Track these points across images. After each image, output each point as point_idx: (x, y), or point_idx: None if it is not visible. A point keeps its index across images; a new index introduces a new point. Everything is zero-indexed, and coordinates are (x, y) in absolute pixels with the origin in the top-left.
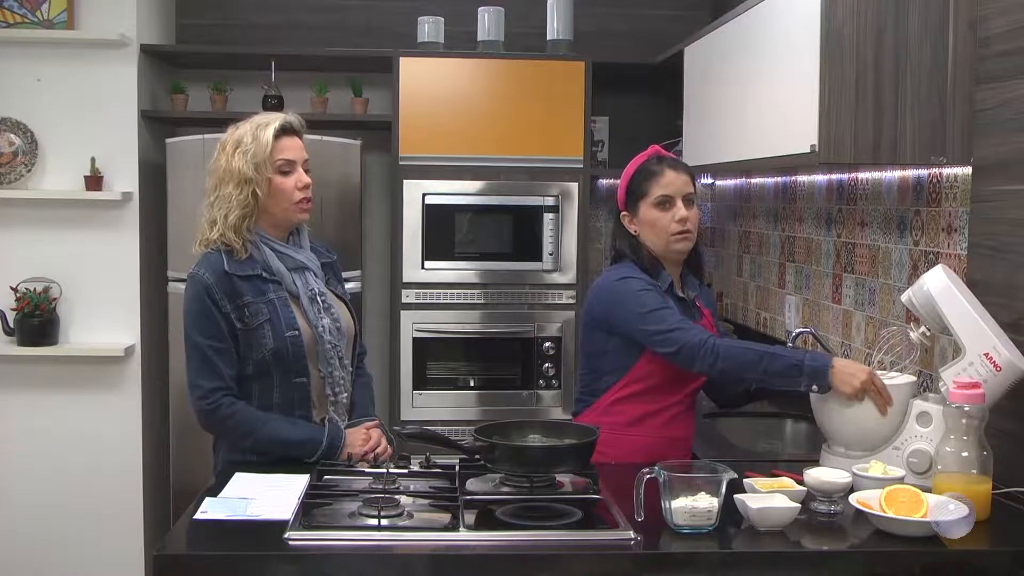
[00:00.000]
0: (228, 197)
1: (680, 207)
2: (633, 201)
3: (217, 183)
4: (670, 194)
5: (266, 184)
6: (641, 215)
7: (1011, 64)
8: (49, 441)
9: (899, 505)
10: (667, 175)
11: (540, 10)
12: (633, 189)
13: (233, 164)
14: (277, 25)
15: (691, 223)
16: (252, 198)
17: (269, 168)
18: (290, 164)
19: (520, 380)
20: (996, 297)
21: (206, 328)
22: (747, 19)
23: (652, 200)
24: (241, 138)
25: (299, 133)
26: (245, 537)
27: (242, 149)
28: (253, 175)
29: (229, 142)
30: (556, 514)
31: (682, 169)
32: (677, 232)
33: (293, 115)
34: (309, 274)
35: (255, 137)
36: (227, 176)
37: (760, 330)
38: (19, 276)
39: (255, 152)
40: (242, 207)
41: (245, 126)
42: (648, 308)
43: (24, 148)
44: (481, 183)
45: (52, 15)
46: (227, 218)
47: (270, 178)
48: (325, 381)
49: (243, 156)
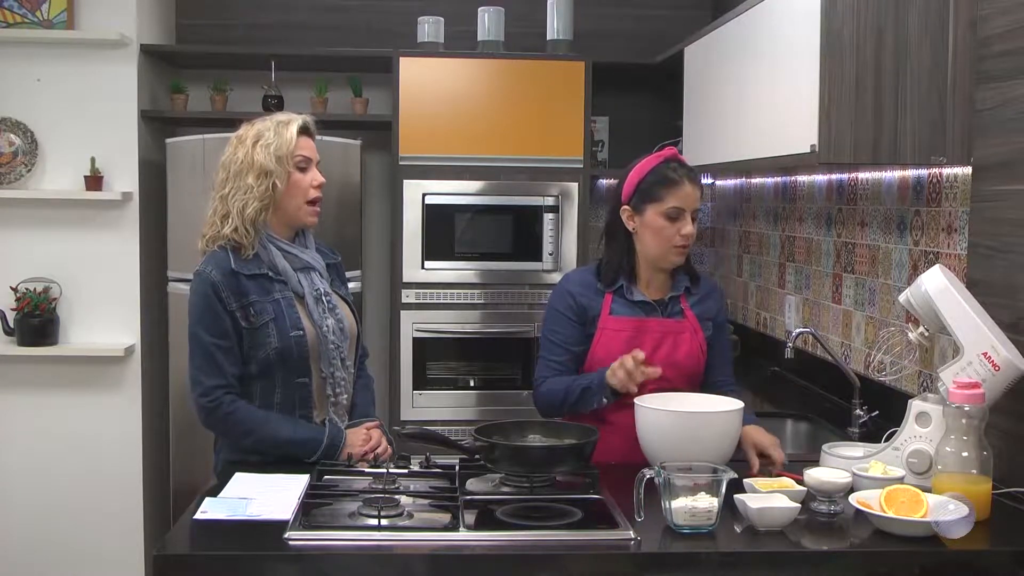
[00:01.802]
0: (247, 188)
1: (688, 222)
2: (641, 201)
3: (233, 176)
4: (683, 208)
5: (285, 178)
6: (647, 218)
7: (1011, 64)
8: (49, 441)
9: (899, 505)
10: (685, 187)
11: (540, 10)
12: (645, 190)
13: (254, 156)
14: (277, 25)
15: (692, 238)
16: (271, 190)
17: (290, 163)
18: (307, 161)
19: (520, 380)
20: (996, 297)
21: (211, 325)
22: (747, 19)
23: (664, 208)
24: (262, 132)
25: (313, 136)
26: (245, 537)
27: (264, 142)
28: (274, 167)
29: (248, 136)
30: (556, 514)
31: (697, 183)
32: (679, 245)
33: (310, 117)
34: (315, 274)
35: (278, 132)
36: (245, 168)
37: (760, 330)
38: (19, 276)
39: (278, 145)
40: (260, 199)
41: (265, 122)
42: (545, 331)
43: (24, 148)
44: (481, 183)
45: (52, 15)
46: (244, 210)
47: (290, 172)
48: (326, 382)
49: (265, 149)
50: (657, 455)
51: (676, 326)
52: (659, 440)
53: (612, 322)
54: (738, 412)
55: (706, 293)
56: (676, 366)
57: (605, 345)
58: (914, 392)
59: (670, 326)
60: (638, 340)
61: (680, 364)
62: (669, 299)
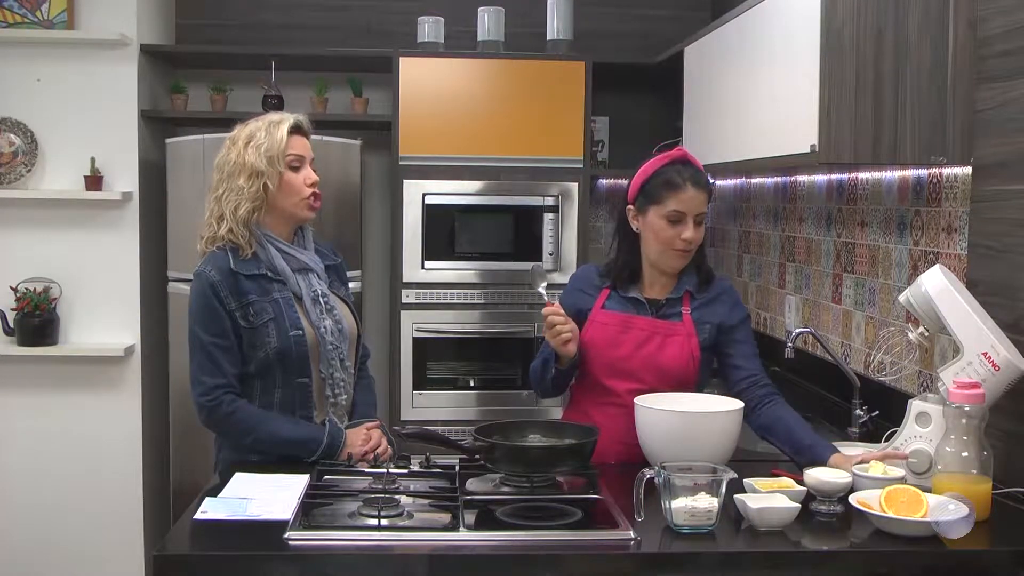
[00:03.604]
0: (239, 190)
1: (689, 226)
2: (644, 202)
3: (226, 177)
4: (684, 212)
5: (277, 178)
6: (649, 219)
7: (1011, 64)
8: (49, 441)
9: (899, 505)
10: (688, 192)
11: (540, 10)
12: (648, 191)
13: (245, 157)
14: (277, 25)
15: (694, 242)
16: (263, 191)
17: (281, 163)
18: (300, 160)
19: (520, 380)
20: (996, 297)
21: (210, 325)
22: (747, 19)
23: (664, 211)
24: (253, 133)
25: (307, 134)
26: (245, 537)
27: (255, 143)
28: (265, 168)
29: (240, 137)
30: (556, 514)
31: (703, 186)
32: (679, 249)
33: (303, 116)
34: (312, 275)
35: (268, 133)
36: (237, 169)
37: (760, 330)
38: (19, 276)
39: (268, 146)
40: (252, 200)
41: (257, 123)
42: None
43: (24, 148)
44: (481, 183)
45: (52, 15)
46: (236, 211)
47: (281, 173)
48: (326, 382)
49: (256, 150)
50: (657, 455)
51: (667, 328)
52: (659, 440)
53: (601, 315)
54: (738, 412)
55: (715, 296)
56: (657, 369)
57: (591, 337)
58: (914, 392)
59: (660, 327)
60: (622, 336)
61: (663, 367)
62: (666, 300)
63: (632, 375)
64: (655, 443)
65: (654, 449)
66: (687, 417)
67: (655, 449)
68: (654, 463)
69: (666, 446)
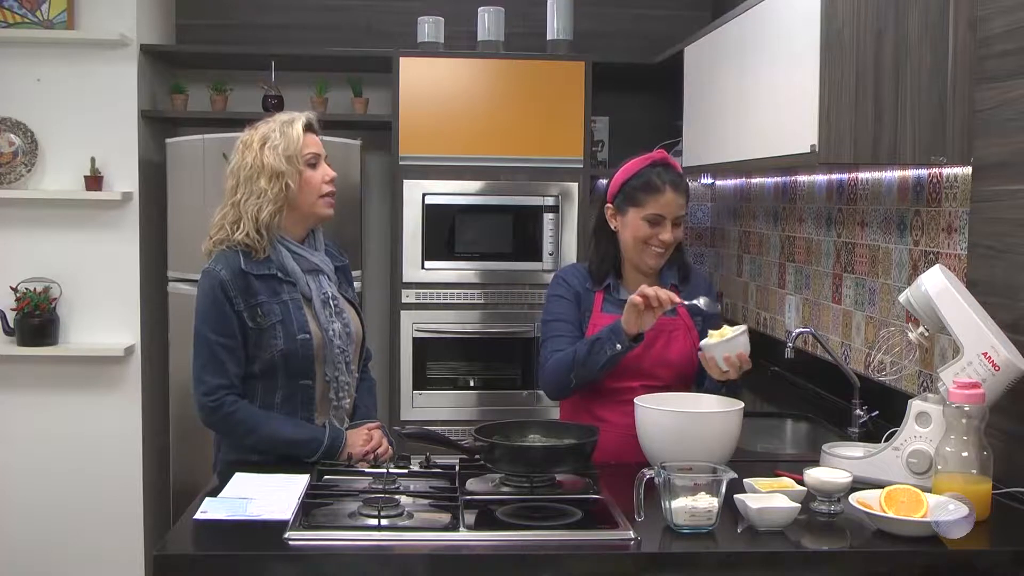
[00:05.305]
0: (260, 192)
1: (667, 228)
2: (623, 203)
3: (244, 181)
4: (663, 215)
5: (297, 177)
6: (628, 220)
7: (1011, 64)
8: (49, 441)
9: (899, 505)
10: (667, 195)
11: (540, 10)
12: (628, 192)
13: (263, 159)
14: (277, 25)
15: (672, 244)
16: (284, 191)
17: (300, 161)
18: (316, 158)
19: (520, 380)
20: (996, 297)
21: (217, 324)
22: (747, 19)
23: (644, 214)
24: (267, 135)
25: (318, 132)
26: (245, 537)
27: (271, 144)
28: (285, 168)
29: (254, 140)
30: (556, 514)
31: (682, 189)
32: (655, 248)
33: (312, 114)
34: (323, 277)
35: (283, 132)
36: (256, 172)
37: (760, 330)
38: (19, 276)
39: (285, 146)
40: (275, 201)
41: (269, 124)
42: (547, 317)
43: (24, 148)
44: (481, 183)
45: (52, 15)
46: (259, 215)
47: (301, 171)
48: (330, 385)
49: (273, 151)
50: (657, 455)
51: (669, 324)
52: (659, 440)
53: (603, 319)
54: (738, 412)
55: (695, 286)
56: (668, 364)
57: None
58: (914, 392)
59: (662, 324)
60: None
61: (672, 363)
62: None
63: (646, 373)
64: (655, 443)
65: (654, 449)
66: (687, 417)
67: (655, 449)
68: (654, 463)
69: (666, 446)
